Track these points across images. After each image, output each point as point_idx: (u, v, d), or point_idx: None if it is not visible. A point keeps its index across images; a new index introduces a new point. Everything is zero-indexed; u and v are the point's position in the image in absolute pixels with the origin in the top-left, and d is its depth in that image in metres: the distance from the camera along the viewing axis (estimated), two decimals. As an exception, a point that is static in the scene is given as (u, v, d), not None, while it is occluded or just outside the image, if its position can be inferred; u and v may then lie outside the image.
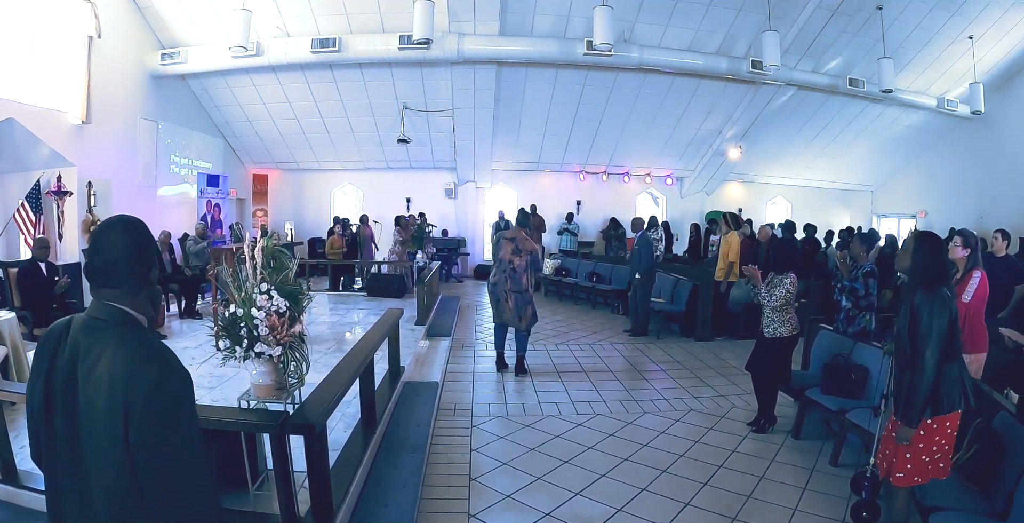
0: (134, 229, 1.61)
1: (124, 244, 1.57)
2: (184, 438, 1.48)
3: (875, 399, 4.23)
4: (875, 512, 3.59)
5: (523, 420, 5.49)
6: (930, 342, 3.01)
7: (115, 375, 1.43)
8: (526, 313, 6.82)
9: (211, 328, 4.64)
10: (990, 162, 13.68)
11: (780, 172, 16.76)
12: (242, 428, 3.03)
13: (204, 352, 6.70)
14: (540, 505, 3.90)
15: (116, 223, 1.61)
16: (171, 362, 1.52)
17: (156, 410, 1.43)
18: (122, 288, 1.56)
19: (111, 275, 1.56)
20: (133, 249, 1.58)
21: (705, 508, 3.91)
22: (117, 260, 1.56)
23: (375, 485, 3.83)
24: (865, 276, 5.53)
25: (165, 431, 1.45)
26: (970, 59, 12.36)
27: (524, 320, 6.82)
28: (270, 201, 16.07)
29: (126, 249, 1.57)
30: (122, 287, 1.56)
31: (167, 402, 1.46)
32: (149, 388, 1.43)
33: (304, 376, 3.16)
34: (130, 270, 1.57)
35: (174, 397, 1.48)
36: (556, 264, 13.02)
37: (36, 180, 8.91)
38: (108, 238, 1.57)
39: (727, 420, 5.58)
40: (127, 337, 1.51)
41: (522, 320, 6.81)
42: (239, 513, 3.13)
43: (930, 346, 3.00)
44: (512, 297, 6.79)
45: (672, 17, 10.88)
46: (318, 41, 10.81)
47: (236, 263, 3.06)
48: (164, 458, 1.44)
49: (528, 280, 6.82)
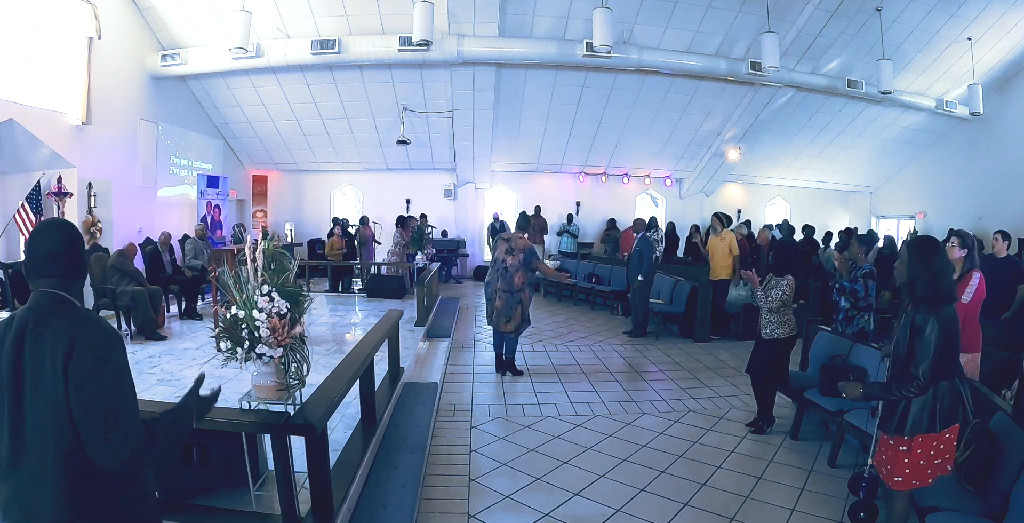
0: (68, 227, 1.87)
1: (60, 239, 1.82)
2: (120, 383, 1.71)
3: (873, 400, 4.25)
4: (873, 513, 3.59)
5: (522, 421, 5.50)
6: (923, 371, 2.94)
7: (57, 338, 1.65)
8: (515, 314, 6.69)
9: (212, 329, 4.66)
10: (989, 163, 13.70)
11: (779, 173, 16.79)
12: (243, 429, 3.05)
13: (205, 353, 6.72)
14: (539, 505, 3.92)
15: (52, 223, 1.89)
16: (103, 325, 1.76)
17: (96, 358, 1.67)
18: (59, 277, 1.79)
19: (49, 265, 1.78)
20: (67, 243, 1.83)
21: (703, 508, 3.92)
22: (55, 253, 1.79)
23: (375, 486, 3.85)
24: (864, 277, 5.55)
25: (104, 377, 1.67)
26: (969, 60, 12.38)
27: (512, 322, 6.72)
28: (270, 202, 16.09)
29: (62, 243, 1.82)
30: (60, 276, 1.79)
31: (104, 352, 1.69)
32: (87, 344, 1.66)
33: (305, 377, 3.18)
34: (66, 261, 1.80)
35: (111, 347, 1.72)
36: (556, 265, 13.03)
37: (36, 181, 8.92)
38: (46, 234, 1.82)
39: (725, 421, 5.60)
40: (67, 311, 1.75)
41: (510, 322, 6.71)
42: (240, 513, 3.15)
43: (922, 374, 2.94)
44: (502, 297, 6.71)
45: (671, 19, 10.90)
46: (318, 42, 10.83)
47: (237, 265, 3.08)
48: (102, 400, 1.65)
49: (521, 280, 6.68)
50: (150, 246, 9.84)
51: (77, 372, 1.63)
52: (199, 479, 3.31)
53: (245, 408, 3.07)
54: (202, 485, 3.32)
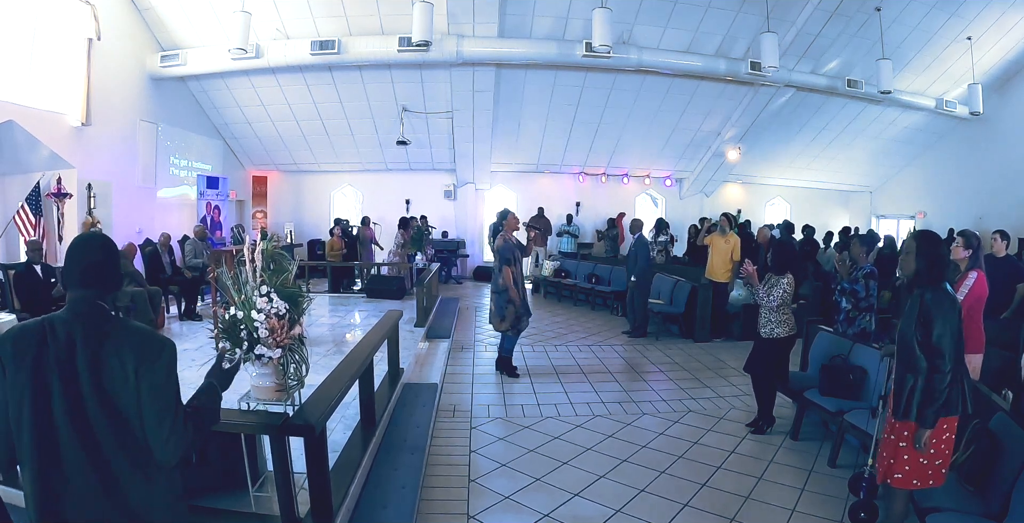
0: (110, 243, 1.99)
1: (104, 252, 1.92)
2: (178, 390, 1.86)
3: (873, 400, 4.25)
4: (873, 513, 3.60)
5: (522, 421, 5.50)
6: (945, 342, 3.01)
7: (123, 348, 1.76)
8: (507, 314, 6.70)
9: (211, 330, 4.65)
10: (989, 163, 13.70)
11: (779, 173, 16.78)
12: (242, 430, 3.04)
13: (204, 354, 6.72)
14: (539, 506, 3.91)
15: (96, 237, 2.01)
16: (164, 337, 1.89)
17: (168, 369, 1.82)
18: (100, 289, 1.87)
19: (90, 276, 1.87)
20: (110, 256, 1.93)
21: (703, 509, 3.92)
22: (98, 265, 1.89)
23: (374, 486, 3.85)
24: (865, 278, 5.54)
25: (173, 385, 1.83)
26: (968, 60, 12.36)
27: (504, 323, 6.74)
28: (270, 203, 16.07)
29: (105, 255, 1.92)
30: (101, 288, 1.88)
31: (173, 363, 1.85)
32: (158, 354, 1.80)
33: (304, 378, 3.17)
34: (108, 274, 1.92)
35: (174, 356, 1.86)
36: (555, 265, 13.04)
37: (36, 182, 8.92)
38: (91, 247, 1.92)
39: (726, 421, 5.60)
40: (120, 321, 1.85)
41: (503, 322, 6.75)
42: (239, 514, 3.15)
43: (946, 346, 3.01)
44: (492, 297, 6.82)
45: (671, 19, 10.89)
46: (317, 43, 10.82)
47: (236, 265, 3.07)
48: (171, 407, 1.80)
49: (506, 281, 6.64)
50: (150, 247, 9.83)
51: (151, 381, 1.77)
52: (198, 480, 3.29)
53: (244, 409, 3.07)
54: (201, 486, 3.30)
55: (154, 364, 1.78)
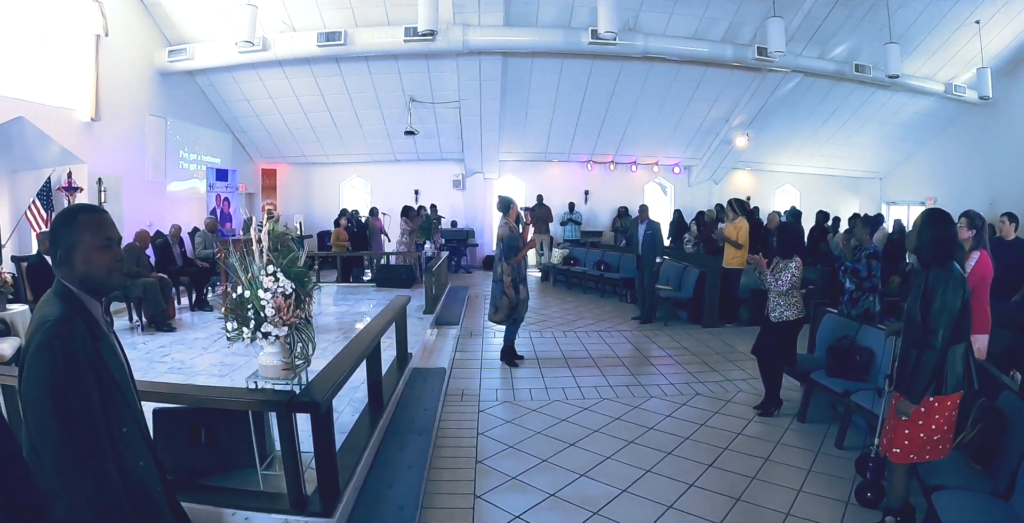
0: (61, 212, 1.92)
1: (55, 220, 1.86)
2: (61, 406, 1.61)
3: (880, 381, 4.24)
4: (879, 493, 3.60)
5: (530, 405, 5.53)
6: (941, 320, 3.01)
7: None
8: (502, 304, 6.66)
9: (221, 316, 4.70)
10: (999, 147, 13.53)
11: (788, 160, 16.66)
12: (250, 407, 3.09)
13: (215, 342, 6.78)
14: (545, 486, 3.94)
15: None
16: (45, 315, 1.67)
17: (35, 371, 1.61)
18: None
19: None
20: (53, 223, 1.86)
21: (710, 489, 3.93)
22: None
23: (381, 466, 3.89)
24: (868, 258, 5.53)
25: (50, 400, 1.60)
26: (977, 44, 12.20)
27: (499, 313, 6.70)
28: (279, 195, 16.15)
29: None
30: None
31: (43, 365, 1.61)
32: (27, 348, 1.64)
33: (311, 356, 3.22)
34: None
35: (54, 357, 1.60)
36: (564, 253, 13.05)
37: (47, 177, 9.00)
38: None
39: (733, 404, 5.61)
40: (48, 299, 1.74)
41: (498, 312, 6.72)
42: (247, 493, 3.20)
43: (942, 324, 3.01)
44: (492, 286, 6.82)
45: (677, 5, 10.83)
46: (324, 35, 10.86)
47: (244, 247, 3.12)
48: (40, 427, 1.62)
49: (503, 269, 6.61)
50: (160, 239, 9.91)
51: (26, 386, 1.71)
52: (207, 459, 3.35)
53: (252, 387, 3.11)
54: (210, 465, 3.36)
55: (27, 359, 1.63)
